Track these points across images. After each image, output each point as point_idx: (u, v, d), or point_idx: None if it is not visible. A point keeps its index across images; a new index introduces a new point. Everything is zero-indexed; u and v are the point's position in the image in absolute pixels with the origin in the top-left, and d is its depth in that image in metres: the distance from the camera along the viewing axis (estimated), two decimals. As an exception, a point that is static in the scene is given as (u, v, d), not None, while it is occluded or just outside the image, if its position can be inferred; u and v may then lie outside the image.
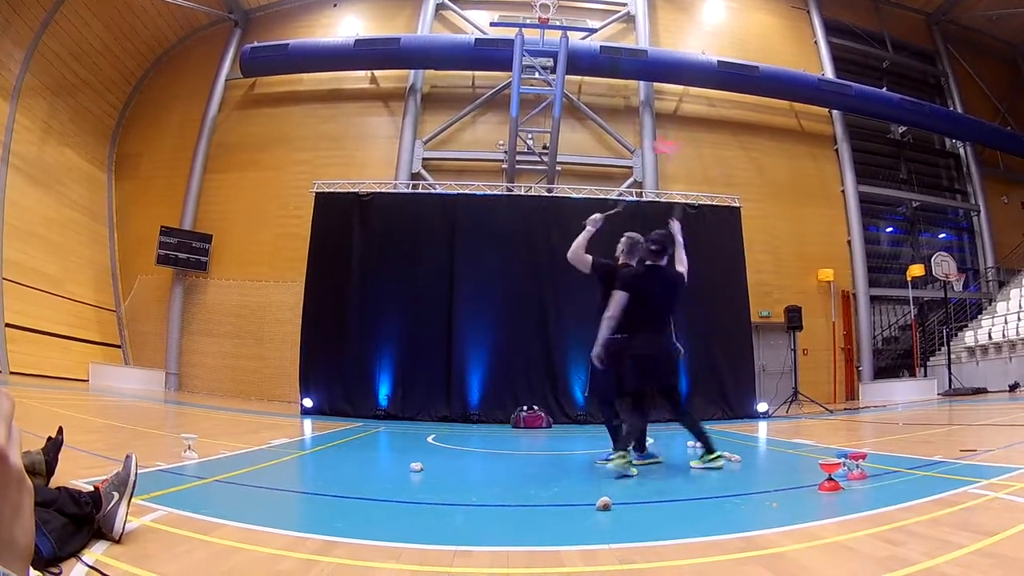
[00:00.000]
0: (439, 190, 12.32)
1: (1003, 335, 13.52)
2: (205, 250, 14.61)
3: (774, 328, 13.83)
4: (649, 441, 4.81)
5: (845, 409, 11.81)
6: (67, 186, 14.37)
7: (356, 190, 11.49)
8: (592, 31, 14.99)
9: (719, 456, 4.30)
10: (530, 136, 14.22)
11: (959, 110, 17.54)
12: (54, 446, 2.60)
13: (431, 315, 10.53)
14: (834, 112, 16.16)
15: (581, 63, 14.11)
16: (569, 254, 4.77)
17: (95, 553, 1.97)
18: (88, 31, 14.11)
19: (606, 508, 2.80)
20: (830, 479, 3.20)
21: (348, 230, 11.02)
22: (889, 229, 17.54)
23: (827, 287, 15.03)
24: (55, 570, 1.75)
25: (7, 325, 11.85)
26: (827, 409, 11.35)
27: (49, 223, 13.66)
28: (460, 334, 10.48)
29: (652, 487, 3.85)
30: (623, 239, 4.79)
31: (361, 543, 2.24)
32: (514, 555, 2.16)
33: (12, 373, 11.28)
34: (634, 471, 4.04)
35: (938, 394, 13.06)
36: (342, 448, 6.06)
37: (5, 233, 12.33)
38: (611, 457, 4.13)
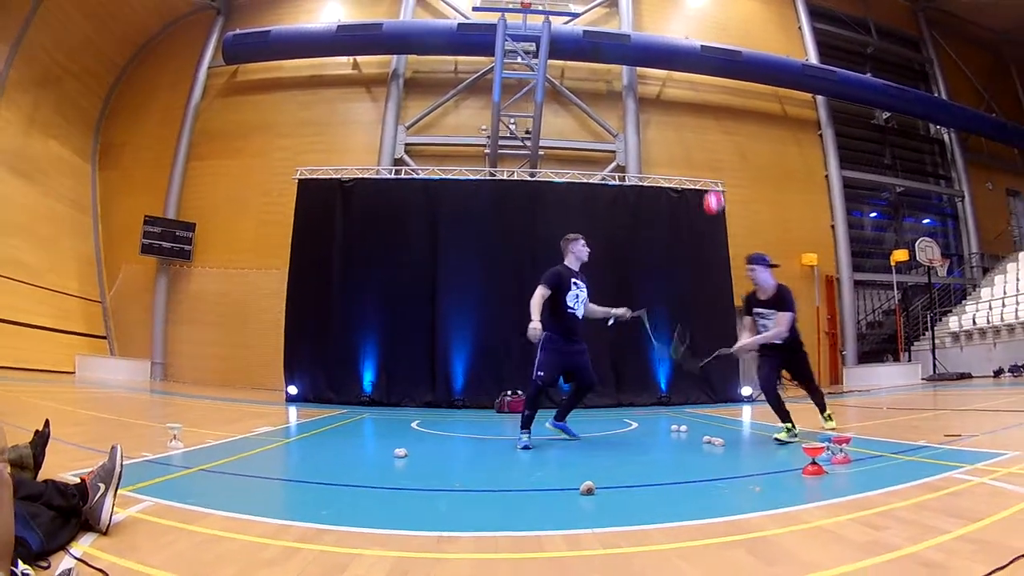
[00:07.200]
0: (421, 175, 12.27)
1: (987, 321, 13.61)
2: (188, 239, 14.55)
3: (757, 312, 13.82)
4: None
5: (829, 393, 11.61)
6: (52, 177, 14.25)
7: (338, 176, 11.42)
8: (575, 15, 14.92)
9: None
10: (513, 121, 14.21)
11: (944, 96, 17.60)
12: (41, 440, 2.61)
13: (414, 300, 10.48)
14: (818, 97, 16.19)
15: (564, 48, 14.09)
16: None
17: (83, 545, 1.98)
18: (71, 22, 13.95)
19: (590, 492, 2.82)
20: (813, 463, 3.21)
21: (331, 216, 10.96)
22: (873, 214, 17.63)
23: (811, 271, 15.08)
24: (44, 563, 1.75)
25: (-9, 319, 11.76)
26: (810, 392, 11.38)
27: (33, 215, 13.54)
28: (444, 319, 10.44)
29: (635, 471, 3.86)
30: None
31: (346, 530, 2.25)
32: (499, 540, 2.17)
33: (-4, 367, 11.19)
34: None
35: (922, 379, 13.13)
36: (327, 435, 6.04)
37: (-12, 226, 12.25)
38: (787, 431, 4.81)
